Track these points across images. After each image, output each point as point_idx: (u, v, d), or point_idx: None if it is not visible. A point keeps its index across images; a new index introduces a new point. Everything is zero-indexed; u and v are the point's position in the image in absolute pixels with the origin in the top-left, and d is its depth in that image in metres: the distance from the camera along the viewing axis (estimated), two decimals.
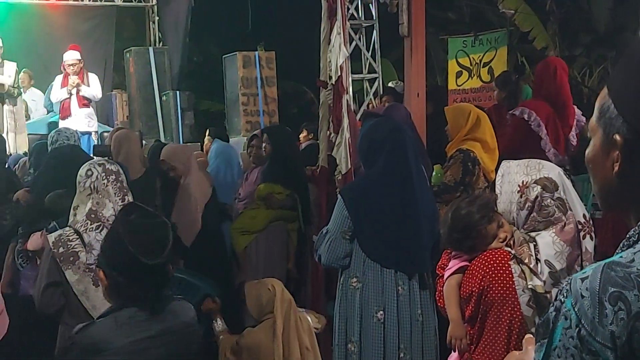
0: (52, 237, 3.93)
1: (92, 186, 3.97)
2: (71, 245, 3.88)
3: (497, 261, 3.56)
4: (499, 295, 3.52)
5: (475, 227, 3.58)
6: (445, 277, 3.72)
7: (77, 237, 3.87)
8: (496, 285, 3.53)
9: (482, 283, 3.54)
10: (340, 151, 5.91)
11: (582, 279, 1.47)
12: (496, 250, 3.59)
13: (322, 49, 6.13)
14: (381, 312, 4.16)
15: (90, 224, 3.90)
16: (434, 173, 5.91)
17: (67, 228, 3.95)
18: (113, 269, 2.81)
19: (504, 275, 3.53)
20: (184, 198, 6.09)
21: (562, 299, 1.49)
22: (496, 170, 5.86)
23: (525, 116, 6.28)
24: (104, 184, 3.98)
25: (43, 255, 4.05)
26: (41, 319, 4.19)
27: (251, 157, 6.79)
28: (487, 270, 3.55)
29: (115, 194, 3.99)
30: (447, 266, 3.79)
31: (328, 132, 6.11)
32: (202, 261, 5.56)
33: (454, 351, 3.73)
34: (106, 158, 4.27)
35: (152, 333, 2.79)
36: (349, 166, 5.75)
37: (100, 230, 3.86)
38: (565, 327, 1.46)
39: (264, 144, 6.55)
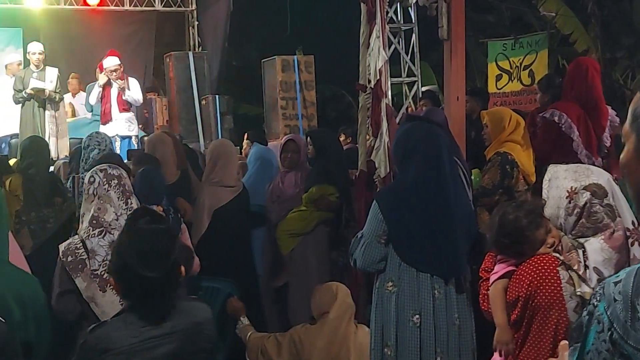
0: (62, 247, 3.98)
1: (94, 192, 3.99)
2: (78, 253, 3.91)
3: (545, 267, 3.55)
4: (546, 300, 3.51)
5: (524, 232, 3.58)
6: (491, 281, 3.71)
7: (81, 243, 3.91)
8: (544, 290, 3.51)
9: (530, 288, 3.53)
10: (379, 155, 5.89)
11: (615, 283, 1.45)
12: (544, 255, 3.59)
13: (361, 53, 6.13)
14: (417, 316, 4.13)
15: (92, 230, 3.92)
16: (472, 177, 5.88)
17: (76, 237, 4.00)
18: (119, 276, 2.84)
19: (552, 281, 3.51)
20: (196, 202, 6.20)
21: (595, 303, 1.47)
22: (536, 173, 5.84)
23: (556, 118, 6.21)
24: (105, 189, 3.99)
25: (57, 264, 4.08)
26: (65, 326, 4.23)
27: (286, 161, 6.77)
28: (535, 275, 3.54)
29: (118, 198, 3.99)
30: (491, 269, 3.78)
31: (367, 136, 6.10)
32: (214, 263, 5.60)
33: (500, 356, 3.71)
34: (109, 163, 4.26)
35: (160, 332, 2.83)
36: (388, 170, 5.73)
37: (103, 236, 3.89)
38: (597, 330, 1.45)
39: (309, 147, 6.55)
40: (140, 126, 11.58)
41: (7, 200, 6.42)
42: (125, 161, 7.39)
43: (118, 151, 9.23)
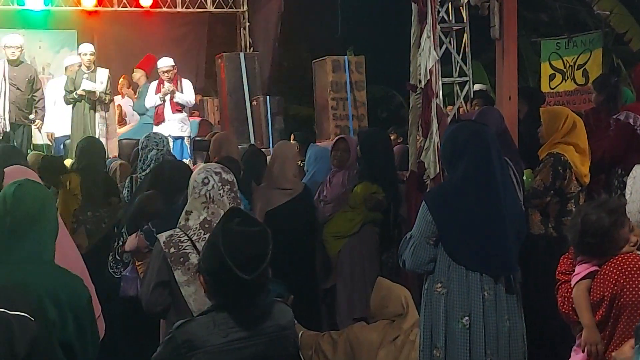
0: (163, 237, 3.94)
1: (207, 195, 3.94)
2: (182, 246, 3.89)
3: (630, 266, 3.55)
4: (632, 299, 3.51)
5: (608, 232, 3.58)
6: (573, 282, 3.70)
7: (188, 240, 3.89)
8: (630, 289, 3.51)
9: (615, 288, 3.53)
10: (429, 155, 5.87)
11: None
12: (628, 254, 3.60)
13: (412, 53, 6.12)
14: (467, 317, 4.10)
15: (204, 234, 3.87)
16: (524, 177, 5.83)
17: (178, 230, 3.95)
18: (211, 276, 2.83)
19: (638, 279, 3.49)
20: (252, 204, 6.21)
21: None
22: (591, 174, 5.78)
23: (631, 120, 6.17)
24: (219, 194, 3.95)
25: (152, 255, 4.08)
26: (142, 321, 4.27)
27: (335, 160, 6.78)
28: (620, 274, 3.54)
29: (229, 204, 3.95)
30: (568, 272, 3.77)
31: (417, 136, 6.09)
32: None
33: (589, 356, 3.70)
34: (221, 166, 4.23)
35: (248, 334, 2.82)
36: (438, 170, 5.71)
37: None
38: None
39: (357, 147, 6.55)
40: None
41: (65, 200, 6.61)
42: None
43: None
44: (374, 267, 6.26)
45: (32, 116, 10.53)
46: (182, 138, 10.87)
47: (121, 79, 12.46)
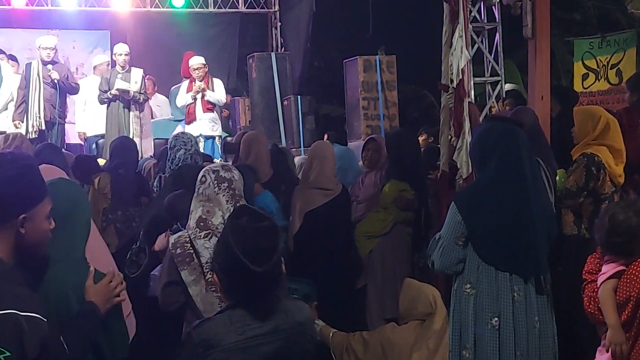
0: (172, 239, 4.04)
1: (204, 193, 4.00)
2: (186, 247, 3.94)
3: None
4: None
5: (635, 232, 3.56)
6: (599, 282, 3.67)
7: (189, 241, 3.94)
8: None
9: None
10: (461, 155, 5.85)
11: None
12: None
13: (443, 52, 6.09)
14: (496, 318, 4.08)
15: (199, 232, 3.93)
16: (557, 177, 5.78)
17: (185, 230, 4.04)
18: (224, 273, 2.85)
19: None
20: (292, 204, 6.22)
21: None
22: (625, 175, 5.72)
23: None
24: (215, 192, 3.99)
25: (165, 255, 4.15)
26: (168, 320, 4.30)
27: (366, 160, 6.78)
28: None
29: (227, 201, 3.98)
30: (595, 272, 3.75)
31: (449, 136, 6.06)
32: (303, 265, 5.61)
33: (613, 356, 3.67)
34: (222, 164, 4.27)
35: (264, 331, 2.82)
36: (470, 170, 5.67)
37: (209, 238, 3.88)
38: None
39: (384, 149, 6.54)
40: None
41: (95, 199, 6.65)
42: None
43: (202, 151, 9.35)
44: (405, 267, 6.24)
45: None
46: (213, 137, 10.91)
47: (146, 80, 12.52)
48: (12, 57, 11.50)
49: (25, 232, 2.74)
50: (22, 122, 10.20)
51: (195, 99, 10.85)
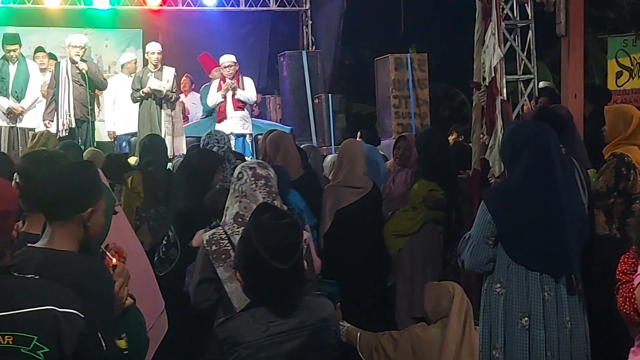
0: (206, 235, 4.05)
1: (240, 189, 4.04)
2: (223, 243, 3.97)
3: None
4: None
5: None
6: (635, 282, 3.64)
7: (226, 237, 3.96)
8: None
9: None
10: (493, 153, 5.82)
11: None
12: None
13: (475, 50, 6.06)
14: (526, 318, 4.04)
15: (237, 228, 3.95)
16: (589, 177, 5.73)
17: (220, 227, 4.05)
18: (247, 271, 2.86)
19: None
20: (323, 202, 6.21)
21: None
22: None
23: None
24: (252, 188, 4.03)
25: (198, 252, 4.16)
26: (200, 316, 4.31)
27: (397, 158, 6.76)
28: None
29: (263, 198, 4.01)
30: (630, 272, 3.71)
31: (481, 134, 6.03)
32: (332, 264, 5.60)
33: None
34: (257, 161, 4.30)
35: (288, 327, 2.83)
36: (502, 169, 5.64)
37: None
38: None
39: (406, 148, 6.53)
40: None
41: (128, 197, 6.70)
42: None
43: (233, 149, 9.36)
44: (435, 266, 6.22)
45: None
46: (244, 135, 10.93)
47: (183, 78, 12.58)
48: (51, 56, 11.61)
49: (90, 225, 2.84)
50: (52, 121, 10.27)
51: (225, 97, 10.88)
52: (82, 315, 2.49)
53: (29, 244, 2.86)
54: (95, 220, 2.87)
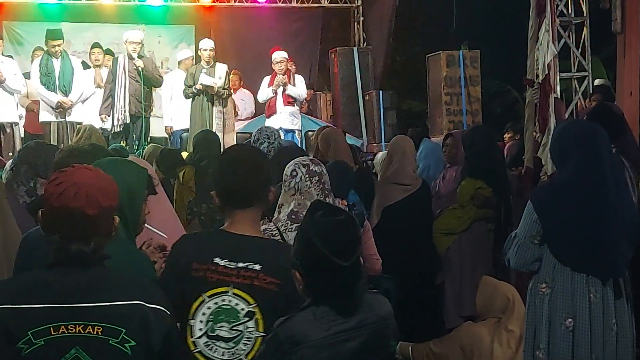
0: None
1: (295, 187, 4.06)
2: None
3: None
4: None
5: None
6: None
7: (277, 231, 3.96)
8: None
9: None
10: (546, 151, 5.77)
11: None
12: None
13: (529, 47, 6.02)
14: (570, 319, 3.99)
15: (290, 224, 3.96)
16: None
17: (271, 224, 4.04)
18: (307, 269, 2.84)
19: None
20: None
21: None
22: None
23: None
24: (307, 185, 4.05)
25: None
26: None
27: (445, 156, 6.74)
28: None
29: (317, 195, 4.04)
30: None
31: (534, 132, 5.98)
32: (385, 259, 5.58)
33: None
34: (310, 158, 4.30)
35: (349, 326, 2.80)
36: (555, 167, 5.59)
37: None
38: None
39: (454, 145, 6.49)
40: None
41: (180, 192, 6.76)
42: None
43: None
44: (485, 264, 6.17)
45: None
46: (293, 131, 10.95)
47: (232, 75, 12.67)
48: (107, 52, 11.77)
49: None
50: (109, 115, 10.42)
51: (276, 92, 10.92)
52: (169, 312, 2.55)
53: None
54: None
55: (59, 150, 3.91)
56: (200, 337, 3.00)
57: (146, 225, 3.23)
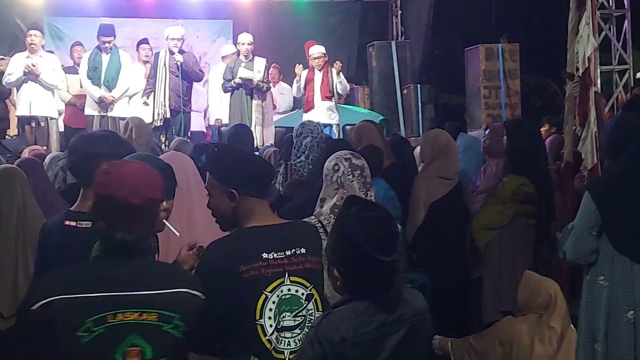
0: None
1: (338, 181, 4.06)
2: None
3: None
4: None
5: None
6: None
7: (321, 227, 3.96)
8: None
9: None
10: (586, 145, 5.70)
11: None
12: None
13: (569, 40, 5.95)
14: (632, 311, 3.93)
15: (333, 218, 3.93)
16: None
17: (312, 217, 4.04)
18: (346, 266, 2.83)
19: None
20: (412, 193, 6.17)
21: None
22: None
23: None
24: (349, 179, 4.06)
25: None
26: None
27: (486, 150, 6.69)
28: None
29: (359, 188, 4.05)
30: None
31: (574, 125, 5.92)
32: (428, 256, 5.56)
33: None
34: (351, 152, 4.31)
35: (389, 321, 2.80)
36: (595, 161, 5.53)
37: None
38: None
39: (504, 137, 6.42)
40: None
41: None
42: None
43: None
44: (525, 260, 6.11)
45: None
46: (330, 126, 10.96)
47: (271, 69, 12.70)
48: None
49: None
50: (149, 104, 10.59)
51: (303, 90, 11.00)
52: (203, 297, 2.68)
53: None
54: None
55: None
56: (272, 333, 3.00)
57: (163, 220, 3.26)
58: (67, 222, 3.28)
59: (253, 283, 2.97)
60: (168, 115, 10.43)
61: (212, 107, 11.86)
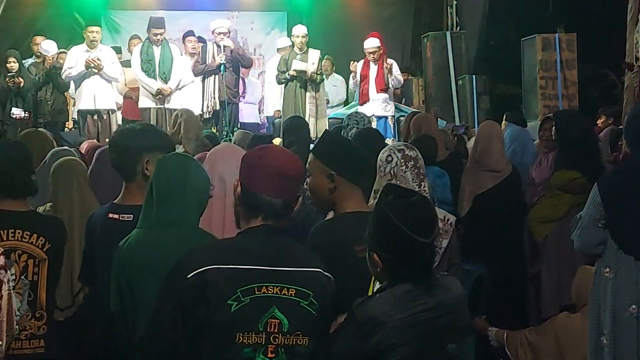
0: None
1: (391, 172, 4.07)
2: None
3: None
4: None
5: None
6: None
7: None
8: None
9: None
10: None
11: None
12: None
13: (628, 30, 5.88)
14: (634, 306, 3.87)
15: None
16: None
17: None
18: (387, 250, 2.85)
19: None
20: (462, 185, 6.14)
21: None
22: None
23: None
24: (402, 170, 4.07)
25: None
26: None
27: (543, 141, 6.60)
28: None
29: (412, 179, 4.06)
30: None
31: None
32: (473, 248, 5.50)
33: None
34: (404, 143, 4.33)
35: (428, 306, 2.81)
36: None
37: None
38: None
39: (552, 129, 6.33)
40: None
41: None
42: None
43: None
44: (582, 253, 6.03)
45: None
46: (385, 117, 10.94)
47: (325, 61, 12.71)
48: (200, 39, 11.96)
49: None
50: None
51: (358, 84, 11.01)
52: (332, 277, 2.83)
53: None
54: None
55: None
56: None
57: None
58: (110, 215, 3.46)
59: (364, 263, 3.03)
60: (217, 108, 10.51)
61: (267, 99, 11.90)
